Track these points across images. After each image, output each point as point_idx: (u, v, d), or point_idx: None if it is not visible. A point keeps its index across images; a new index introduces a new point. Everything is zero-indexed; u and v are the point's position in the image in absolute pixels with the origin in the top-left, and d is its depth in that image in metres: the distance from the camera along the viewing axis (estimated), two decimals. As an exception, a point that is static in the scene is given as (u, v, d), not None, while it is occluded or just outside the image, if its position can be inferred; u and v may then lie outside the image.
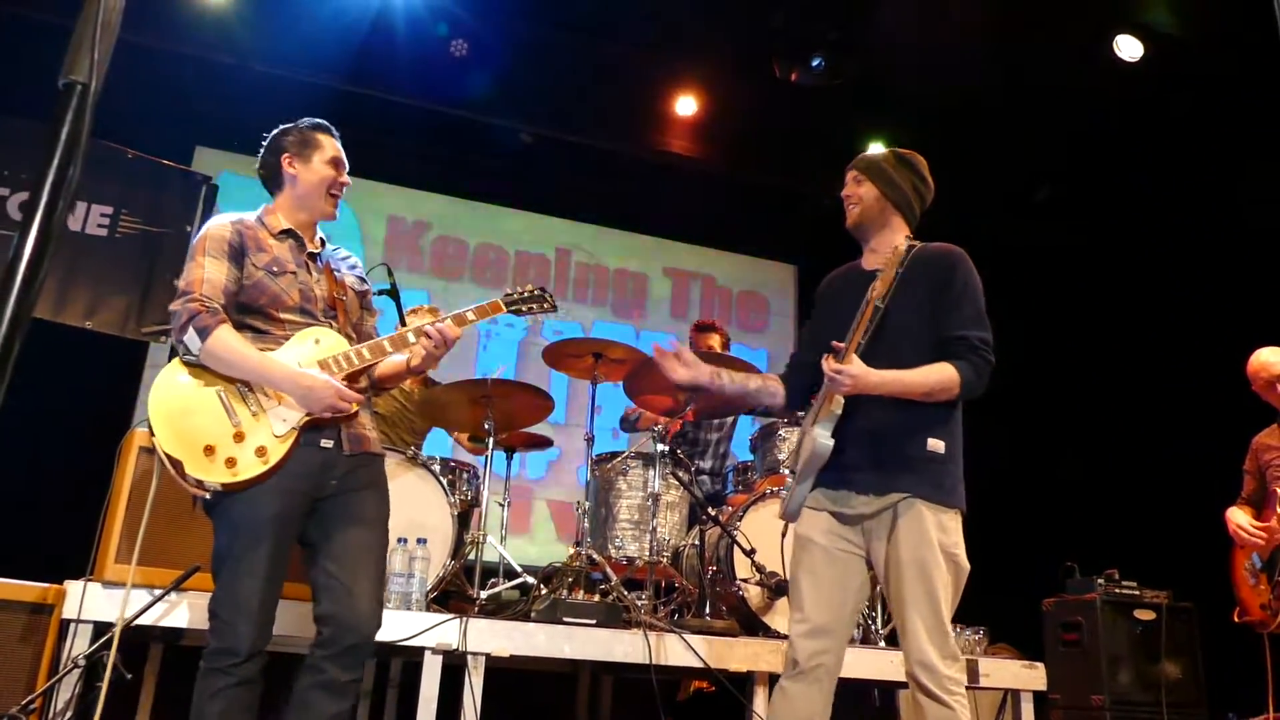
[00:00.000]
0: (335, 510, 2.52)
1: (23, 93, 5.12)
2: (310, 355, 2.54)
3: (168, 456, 2.36)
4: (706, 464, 5.16)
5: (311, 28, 5.90)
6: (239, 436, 2.40)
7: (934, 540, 2.46)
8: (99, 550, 2.97)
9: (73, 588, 2.86)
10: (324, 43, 6.02)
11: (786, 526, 2.82)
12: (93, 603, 2.84)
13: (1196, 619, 5.02)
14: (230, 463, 2.37)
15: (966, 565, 2.52)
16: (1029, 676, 3.99)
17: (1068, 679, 4.79)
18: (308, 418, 2.46)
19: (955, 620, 4.30)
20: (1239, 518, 4.01)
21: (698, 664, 3.49)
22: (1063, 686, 4.77)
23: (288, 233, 2.74)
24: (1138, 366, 6.86)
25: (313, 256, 2.78)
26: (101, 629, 2.81)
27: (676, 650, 3.49)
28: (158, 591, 2.89)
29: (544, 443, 5.07)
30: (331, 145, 2.87)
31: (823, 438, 2.49)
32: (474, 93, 6.36)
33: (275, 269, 2.62)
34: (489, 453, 4.30)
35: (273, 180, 2.82)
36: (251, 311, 2.57)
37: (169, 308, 2.53)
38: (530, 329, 7.24)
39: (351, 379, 2.56)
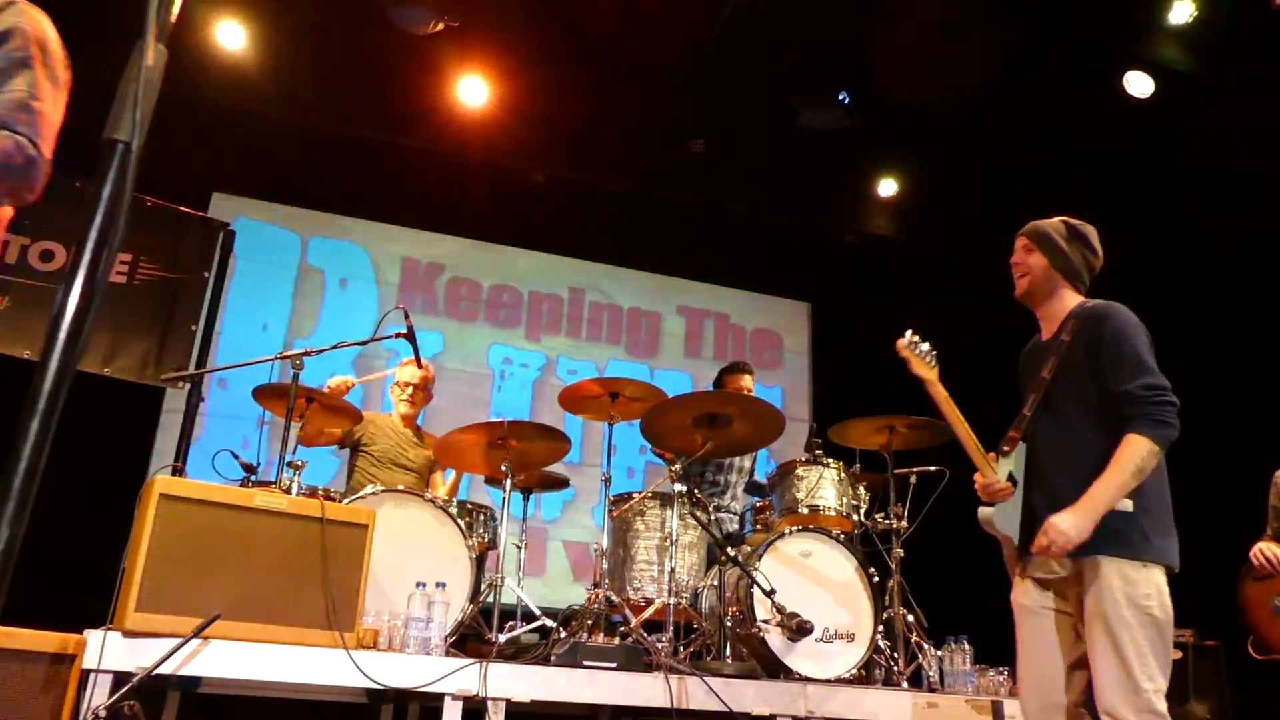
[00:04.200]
0: None
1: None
2: None
3: None
4: (726, 501, 5.14)
5: (324, 72, 5.99)
6: None
7: (1118, 594, 2.47)
8: (119, 599, 2.96)
9: (92, 637, 2.84)
10: (338, 87, 6.11)
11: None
12: (113, 652, 2.82)
13: (1223, 657, 4.94)
14: None
15: (1164, 616, 2.49)
16: (1056, 718, 3.92)
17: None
18: None
19: (980, 660, 4.28)
20: (1275, 549, 3.95)
21: (720, 708, 3.44)
22: (1090, 727, 4.68)
23: None
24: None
25: None
26: (121, 679, 2.79)
27: (698, 693, 3.44)
28: (176, 640, 2.88)
29: (560, 483, 5.07)
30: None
31: (983, 508, 2.78)
32: (486, 135, 6.43)
33: None
34: (506, 494, 4.28)
35: None
36: None
37: None
38: (544, 369, 7.26)
39: None
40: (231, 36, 5.80)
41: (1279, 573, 3.92)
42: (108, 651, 2.81)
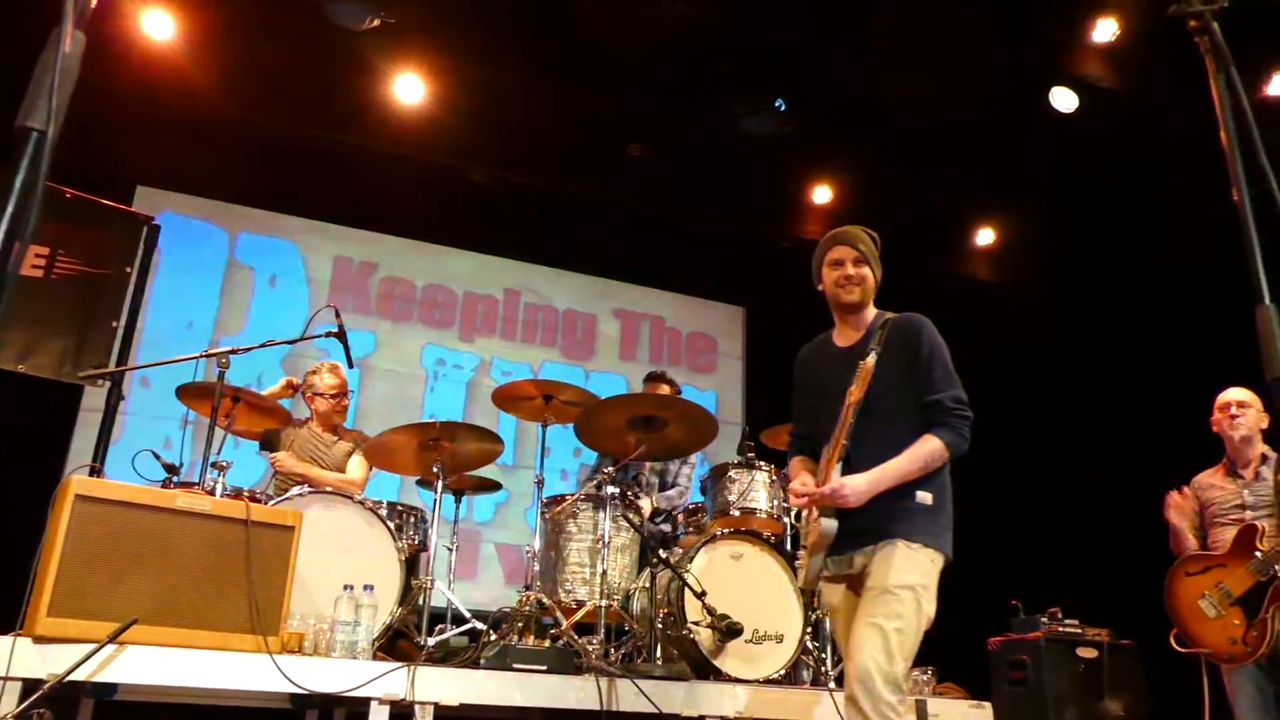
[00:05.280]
0: None
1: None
2: None
3: None
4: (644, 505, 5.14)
5: (255, 66, 5.87)
6: None
7: (901, 573, 2.60)
8: (30, 604, 2.86)
9: (1, 643, 2.74)
10: (270, 81, 5.98)
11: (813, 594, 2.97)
12: (22, 659, 2.72)
13: (1138, 656, 5.10)
14: None
15: (930, 610, 2.63)
16: (977, 716, 4.02)
17: (1015, 718, 4.82)
18: None
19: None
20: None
21: (650, 709, 3.45)
22: (1010, 725, 4.79)
23: None
24: (1075, 409, 7.02)
25: None
26: (31, 686, 2.70)
27: (628, 696, 3.45)
28: (90, 646, 2.79)
29: (492, 486, 5.03)
30: None
31: (829, 520, 2.69)
32: (421, 133, 6.36)
33: None
34: (437, 496, 4.24)
35: None
36: None
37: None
38: (478, 370, 7.20)
39: None
40: (159, 26, 5.64)
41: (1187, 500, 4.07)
42: (17, 658, 2.72)
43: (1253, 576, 3.88)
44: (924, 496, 2.71)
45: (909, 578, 2.60)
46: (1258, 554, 3.89)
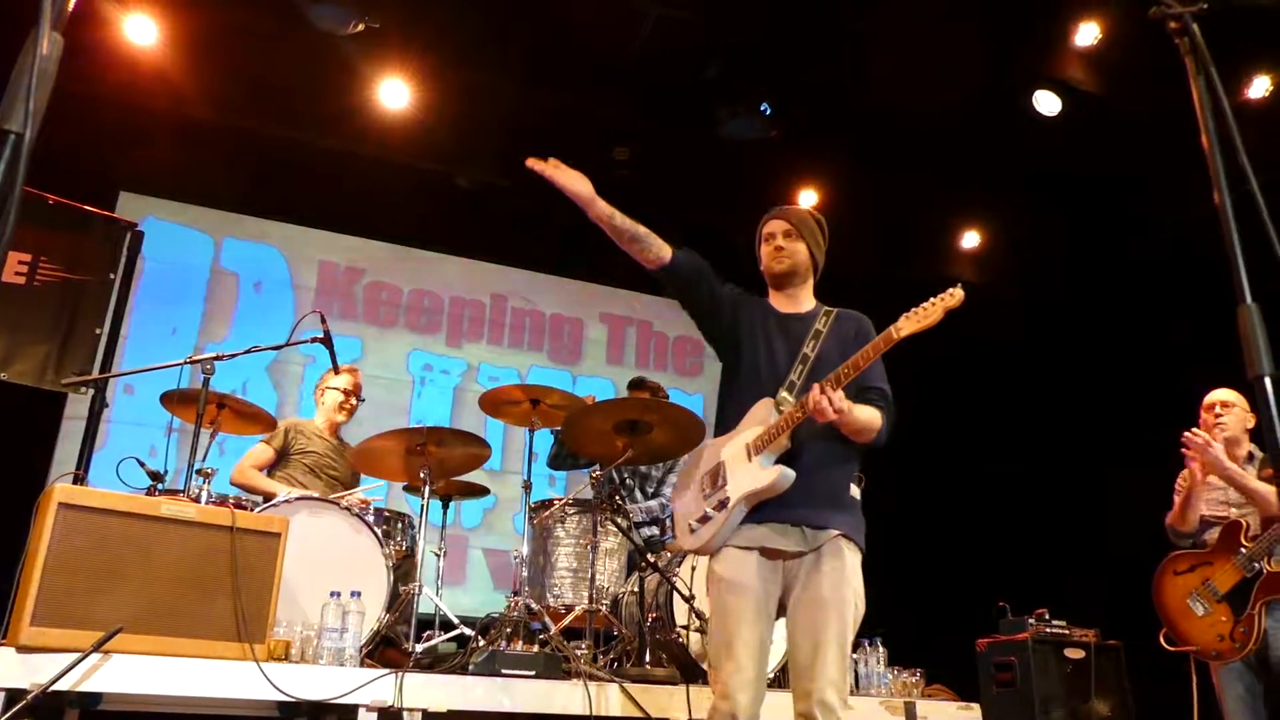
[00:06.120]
0: None
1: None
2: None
3: None
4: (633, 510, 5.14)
5: (240, 71, 5.84)
6: None
7: (851, 580, 2.56)
8: (13, 613, 2.83)
9: (-17, 652, 2.72)
10: (254, 86, 5.96)
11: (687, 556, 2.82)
12: (5, 668, 2.70)
13: (1124, 656, 5.12)
14: None
15: (863, 610, 2.62)
16: (965, 718, 4.02)
17: (1003, 719, 4.84)
18: None
19: (893, 661, 4.37)
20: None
21: (638, 714, 3.44)
22: (998, 726, 4.81)
23: None
24: (1061, 411, 7.05)
25: None
26: (15, 696, 2.67)
27: (617, 700, 3.44)
28: (75, 655, 2.76)
29: (480, 491, 5.01)
30: None
31: (787, 469, 2.55)
32: (407, 138, 6.34)
33: None
34: (425, 501, 4.22)
35: None
36: None
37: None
38: (465, 375, 7.19)
39: None
40: (142, 31, 5.61)
41: (1208, 444, 3.96)
42: (0, 668, 2.69)
43: (1239, 572, 3.90)
44: (854, 490, 2.69)
45: (857, 584, 2.57)
46: (1243, 550, 3.91)
